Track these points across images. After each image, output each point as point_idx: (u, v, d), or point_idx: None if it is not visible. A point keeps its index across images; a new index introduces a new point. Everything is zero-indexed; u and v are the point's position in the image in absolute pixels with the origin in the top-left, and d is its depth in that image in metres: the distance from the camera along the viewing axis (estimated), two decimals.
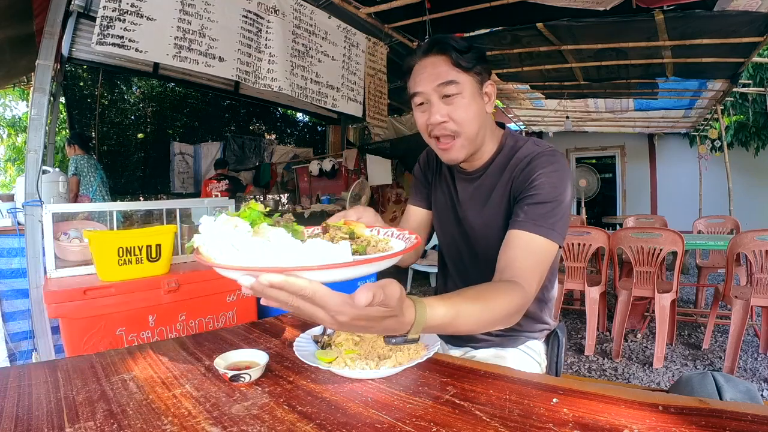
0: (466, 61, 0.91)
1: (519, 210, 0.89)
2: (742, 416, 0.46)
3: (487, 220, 1.00)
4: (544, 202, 0.87)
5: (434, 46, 0.94)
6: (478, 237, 1.03)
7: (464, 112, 0.92)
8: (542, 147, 0.96)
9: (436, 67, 0.92)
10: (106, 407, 0.61)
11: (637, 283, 2.76)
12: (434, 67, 0.92)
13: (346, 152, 5.78)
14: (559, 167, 0.91)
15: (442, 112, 0.92)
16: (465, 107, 0.92)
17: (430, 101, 0.93)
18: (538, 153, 0.94)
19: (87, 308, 1.49)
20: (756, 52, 3.58)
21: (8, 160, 8.11)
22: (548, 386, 0.61)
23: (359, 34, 3.68)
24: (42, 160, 1.95)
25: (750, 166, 7.84)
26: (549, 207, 0.87)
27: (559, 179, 0.90)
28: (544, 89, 5.64)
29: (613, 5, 2.67)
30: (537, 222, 0.86)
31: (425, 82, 0.93)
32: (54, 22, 2.02)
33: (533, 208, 0.87)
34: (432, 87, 0.92)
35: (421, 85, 0.94)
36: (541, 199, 0.88)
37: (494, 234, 0.97)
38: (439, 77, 0.91)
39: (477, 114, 0.94)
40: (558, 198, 0.88)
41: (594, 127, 8.17)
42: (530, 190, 0.90)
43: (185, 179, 7.25)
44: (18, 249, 2.12)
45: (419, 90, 0.94)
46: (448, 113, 0.92)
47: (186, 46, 2.41)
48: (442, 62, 0.92)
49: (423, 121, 0.97)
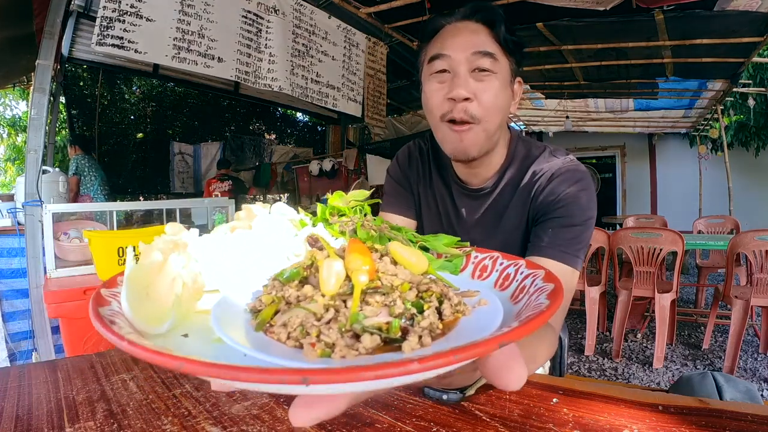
0: (511, 42, 0.77)
1: (542, 233, 0.77)
2: (742, 416, 0.46)
3: (500, 245, 0.84)
4: (571, 226, 0.76)
5: (478, 12, 0.78)
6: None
7: (494, 97, 0.75)
8: (562, 159, 0.83)
9: (476, 34, 0.76)
10: (106, 407, 0.61)
11: (637, 283, 2.76)
12: (473, 34, 0.76)
13: (346, 152, 5.78)
14: (586, 185, 0.79)
15: (469, 88, 0.74)
16: (496, 91, 0.75)
17: (456, 71, 0.75)
18: (561, 169, 0.80)
19: (87, 308, 1.48)
20: (756, 52, 3.58)
21: (8, 160, 8.12)
22: (548, 386, 0.61)
23: (359, 34, 3.68)
24: (42, 160, 1.95)
25: (750, 166, 7.84)
26: (576, 231, 0.76)
27: (588, 199, 0.78)
28: (544, 89, 5.64)
29: (613, 5, 2.67)
30: (563, 248, 0.74)
31: (458, 46, 0.75)
32: (54, 22, 2.02)
33: (559, 232, 0.75)
34: (465, 55, 0.74)
35: (452, 48, 0.75)
36: (568, 223, 0.76)
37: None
38: (478, 45, 0.74)
39: (503, 106, 0.78)
40: (586, 222, 0.77)
41: (594, 127, 8.16)
42: (555, 212, 0.77)
43: (185, 179, 7.25)
44: (18, 249, 2.12)
45: (446, 53, 0.75)
46: (475, 91, 0.74)
47: (185, 47, 2.41)
48: (484, 32, 0.76)
49: (440, 95, 0.76)
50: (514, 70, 0.80)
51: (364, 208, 0.52)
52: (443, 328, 0.31)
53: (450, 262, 0.48)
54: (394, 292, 0.32)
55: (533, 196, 0.81)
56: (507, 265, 0.43)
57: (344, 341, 0.27)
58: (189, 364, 0.22)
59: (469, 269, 0.47)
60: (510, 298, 0.38)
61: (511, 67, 0.79)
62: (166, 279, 0.36)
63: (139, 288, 0.34)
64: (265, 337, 0.30)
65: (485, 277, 0.45)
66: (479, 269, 0.46)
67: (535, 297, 0.33)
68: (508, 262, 0.43)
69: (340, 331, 0.28)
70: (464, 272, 0.47)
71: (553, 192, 0.78)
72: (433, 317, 0.30)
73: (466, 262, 0.48)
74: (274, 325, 0.30)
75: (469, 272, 0.47)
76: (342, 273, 0.32)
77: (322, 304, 0.31)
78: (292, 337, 0.29)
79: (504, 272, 0.43)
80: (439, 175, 0.94)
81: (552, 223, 0.77)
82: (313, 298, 0.32)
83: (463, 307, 0.34)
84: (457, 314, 0.33)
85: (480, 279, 0.45)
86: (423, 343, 0.28)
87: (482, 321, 0.31)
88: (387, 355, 0.27)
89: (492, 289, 0.41)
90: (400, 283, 0.33)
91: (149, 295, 0.35)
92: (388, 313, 0.30)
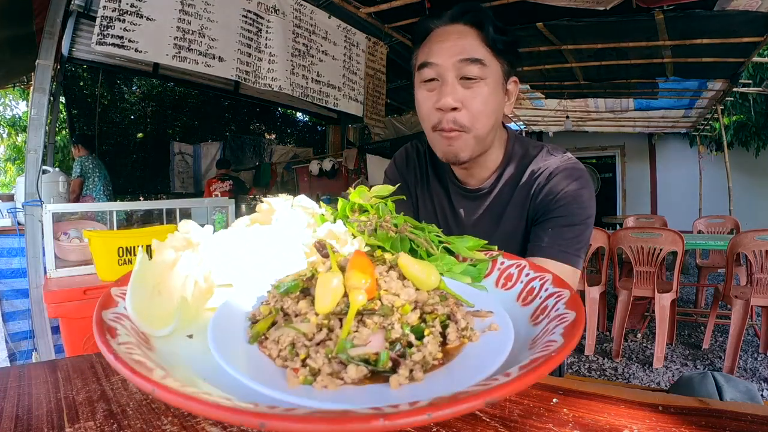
0: (502, 43, 0.75)
1: (542, 233, 0.77)
2: (742, 416, 0.46)
3: (499, 246, 0.80)
4: (571, 225, 0.75)
5: (466, 14, 0.76)
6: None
7: (482, 104, 0.74)
8: (560, 157, 0.82)
9: (463, 38, 0.74)
10: (106, 407, 0.61)
11: (637, 282, 2.76)
12: (461, 38, 0.74)
13: (346, 152, 5.78)
14: (584, 183, 0.78)
15: (457, 96, 0.73)
16: (485, 98, 0.74)
17: (444, 79, 0.74)
18: (560, 167, 0.79)
19: (87, 308, 1.49)
20: (756, 51, 3.58)
21: (8, 160, 8.13)
22: (548, 386, 0.61)
23: (359, 33, 3.68)
24: (42, 160, 1.95)
25: (750, 166, 7.83)
26: (577, 231, 0.75)
27: (588, 198, 0.78)
28: (544, 89, 5.64)
29: (613, 5, 2.67)
30: (564, 248, 0.74)
31: (445, 53, 0.74)
32: (54, 22, 2.02)
33: (559, 232, 0.75)
34: (452, 61, 0.73)
35: (439, 55, 0.74)
36: (567, 222, 0.76)
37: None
38: (464, 51, 0.73)
39: (495, 110, 0.77)
40: (586, 221, 0.77)
41: (594, 126, 8.16)
42: (555, 212, 0.77)
43: (185, 179, 7.25)
44: (18, 249, 2.12)
45: (433, 61, 0.75)
46: (463, 99, 0.74)
47: (185, 46, 2.41)
48: (472, 35, 0.74)
49: (429, 104, 0.76)
50: (506, 72, 0.78)
51: (387, 205, 0.50)
52: (444, 356, 0.29)
53: (474, 266, 0.47)
54: (393, 314, 0.30)
55: (532, 195, 0.80)
56: (533, 277, 0.41)
57: (331, 367, 0.27)
58: (161, 391, 0.22)
59: (494, 275, 0.46)
60: (530, 317, 0.37)
61: (503, 69, 0.77)
62: (178, 277, 0.36)
63: (148, 286, 0.34)
64: (257, 352, 0.30)
65: (510, 287, 0.43)
66: (504, 277, 0.45)
67: (552, 327, 0.32)
68: (534, 274, 0.41)
69: (327, 357, 0.27)
70: (489, 278, 0.46)
71: (552, 191, 0.78)
72: (431, 345, 0.29)
73: (492, 268, 0.47)
74: (268, 339, 0.30)
75: (494, 279, 0.45)
76: (339, 290, 0.31)
77: (315, 323, 0.30)
78: (281, 356, 0.29)
79: (529, 285, 0.41)
80: (437, 176, 0.92)
81: (552, 222, 0.76)
82: (306, 316, 0.31)
83: (470, 332, 0.32)
84: (463, 339, 0.31)
85: (504, 288, 0.43)
86: (414, 378, 0.26)
87: (487, 354, 0.29)
88: (373, 387, 0.26)
89: (514, 302, 0.40)
90: (402, 304, 0.31)
91: (161, 292, 0.35)
92: (384, 336, 0.29)
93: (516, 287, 0.42)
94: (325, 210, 0.48)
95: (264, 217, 0.45)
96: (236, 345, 0.31)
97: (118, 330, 0.30)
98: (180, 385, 0.23)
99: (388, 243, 0.43)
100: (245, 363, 0.28)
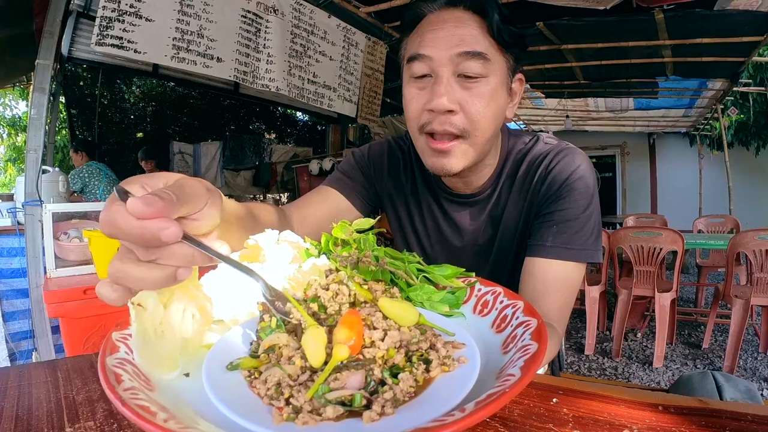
0: (509, 34, 0.62)
1: (545, 230, 0.69)
2: (742, 416, 0.46)
3: (499, 246, 0.78)
4: (574, 218, 0.68)
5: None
6: (489, 268, 0.80)
7: (484, 106, 0.62)
8: (555, 144, 0.75)
9: (463, 26, 0.61)
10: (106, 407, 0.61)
11: (637, 282, 2.76)
12: (459, 26, 0.61)
13: (346, 152, 5.79)
14: (584, 169, 0.71)
15: (453, 97, 0.61)
16: (487, 99, 0.62)
17: (438, 75, 0.61)
18: (558, 156, 0.72)
19: (87, 308, 1.49)
20: (756, 51, 3.58)
21: (8, 160, 8.12)
22: (548, 386, 0.61)
23: (359, 33, 3.68)
24: (42, 160, 1.95)
25: (750, 166, 7.84)
26: (581, 222, 0.68)
27: (588, 185, 0.70)
28: (544, 88, 5.64)
29: (614, 4, 2.67)
30: (568, 245, 0.67)
31: (439, 44, 0.61)
32: (54, 22, 2.02)
33: (563, 227, 0.68)
34: (449, 54, 0.60)
35: (432, 47, 0.61)
36: (570, 216, 0.68)
37: (510, 259, 0.78)
38: (464, 43, 0.60)
39: (497, 114, 0.65)
40: (589, 209, 0.69)
41: (594, 126, 8.16)
42: (556, 204, 0.69)
43: None
44: (18, 249, 2.12)
45: (426, 53, 0.61)
46: (460, 101, 0.61)
47: (184, 47, 2.41)
48: (473, 23, 0.61)
49: (419, 105, 0.64)
50: (512, 68, 0.66)
51: (368, 240, 0.51)
52: (419, 386, 0.32)
53: (453, 294, 0.48)
54: (373, 364, 0.33)
55: (533, 187, 0.73)
56: (507, 305, 0.43)
57: (311, 405, 0.30)
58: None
59: (472, 302, 0.47)
60: (502, 345, 0.39)
61: (509, 65, 0.65)
62: (177, 312, 0.38)
63: (149, 333, 0.36)
64: (247, 391, 0.33)
65: (486, 313, 0.45)
66: (481, 304, 0.46)
67: (516, 357, 0.34)
68: (508, 302, 0.43)
69: (309, 398, 0.30)
70: (467, 305, 0.47)
71: (552, 182, 0.70)
72: (404, 383, 0.31)
73: (470, 294, 0.48)
74: (257, 378, 0.33)
75: (472, 305, 0.47)
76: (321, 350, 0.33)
77: (299, 366, 0.33)
78: (268, 395, 0.31)
79: (502, 312, 0.43)
80: (424, 181, 0.81)
81: (553, 216, 0.69)
82: (292, 359, 0.33)
83: (450, 361, 0.34)
84: (444, 367, 0.34)
85: (481, 315, 0.45)
86: (385, 413, 0.29)
87: (453, 387, 0.31)
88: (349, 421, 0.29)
89: (489, 329, 0.42)
90: (383, 354, 0.33)
91: (164, 332, 0.37)
92: (364, 377, 0.32)
93: (491, 314, 0.44)
94: (309, 245, 0.50)
95: (252, 252, 0.47)
96: (228, 384, 0.34)
97: (122, 376, 0.32)
98: (181, 427, 0.26)
99: (369, 276, 0.45)
100: (237, 401, 0.31)
